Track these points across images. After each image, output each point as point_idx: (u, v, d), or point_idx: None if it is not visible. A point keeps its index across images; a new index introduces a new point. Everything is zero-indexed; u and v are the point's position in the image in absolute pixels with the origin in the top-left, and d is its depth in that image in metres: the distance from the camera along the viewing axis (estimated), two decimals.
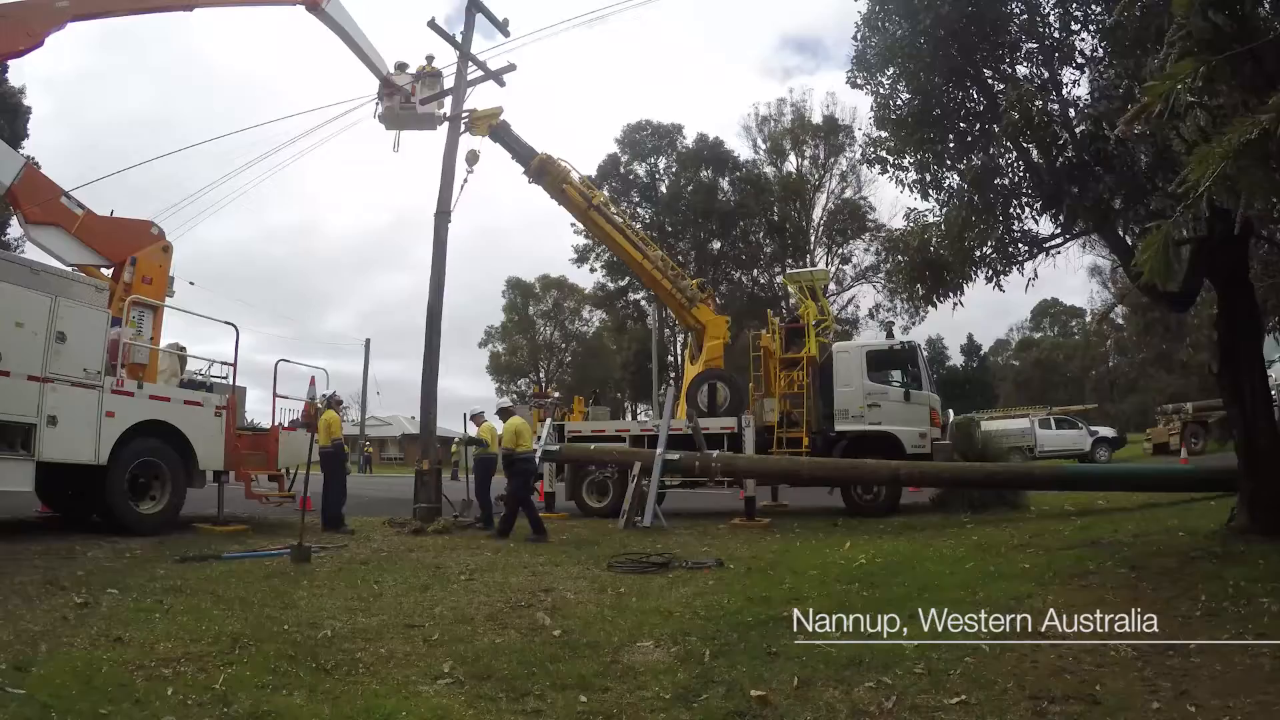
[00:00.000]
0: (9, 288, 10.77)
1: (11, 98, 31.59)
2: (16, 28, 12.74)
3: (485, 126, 19.13)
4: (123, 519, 11.70)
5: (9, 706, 4.51)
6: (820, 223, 58.98)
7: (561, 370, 76.12)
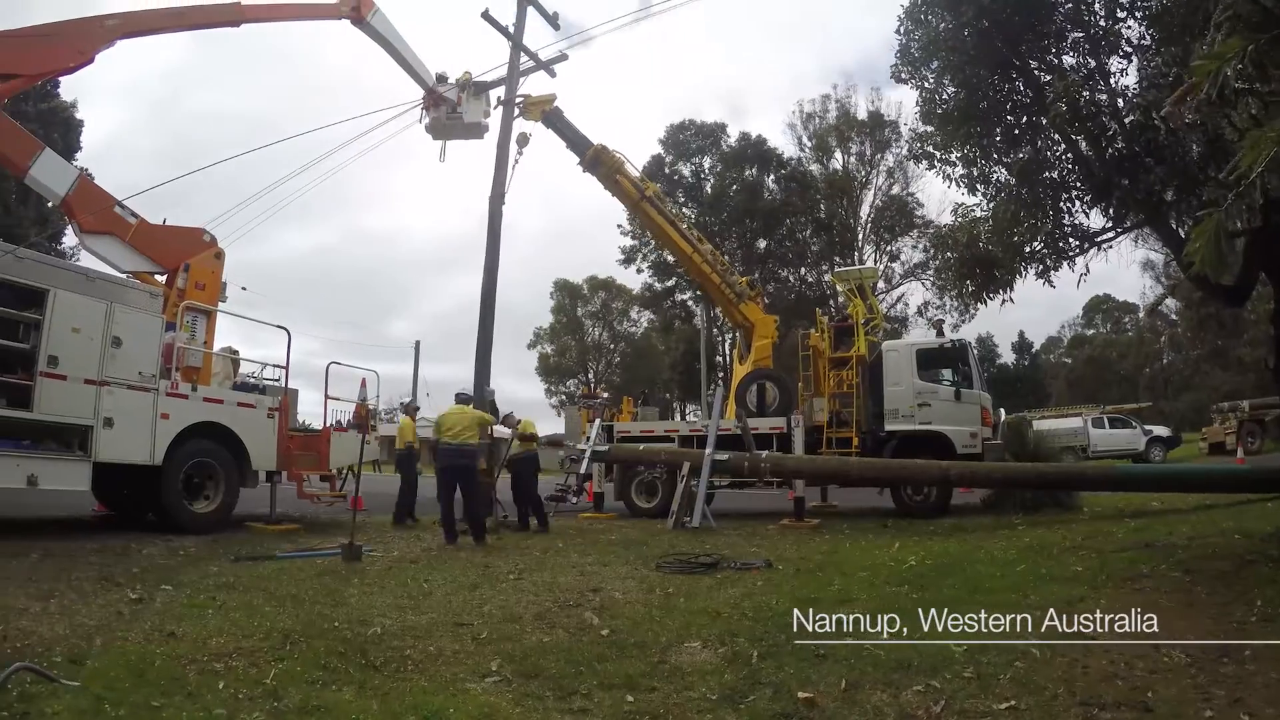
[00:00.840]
0: (66, 295, 10.99)
1: (64, 112, 32.37)
2: (67, 46, 13.01)
3: (539, 112, 19.42)
4: (177, 518, 11.91)
5: (64, 698, 4.55)
6: (868, 220, 58.23)
7: (610, 371, 76.14)
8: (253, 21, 15.36)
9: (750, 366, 19.86)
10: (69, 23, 13.12)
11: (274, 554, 10.42)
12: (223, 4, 15.03)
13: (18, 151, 12.69)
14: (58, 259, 19.52)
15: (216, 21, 15.11)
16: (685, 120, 60.81)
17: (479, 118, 18.81)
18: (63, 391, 10.72)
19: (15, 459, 10.29)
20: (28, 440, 10.59)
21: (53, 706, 4.43)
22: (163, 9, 14.63)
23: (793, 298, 53.94)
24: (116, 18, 13.53)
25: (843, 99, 59.04)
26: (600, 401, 22.06)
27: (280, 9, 16.27)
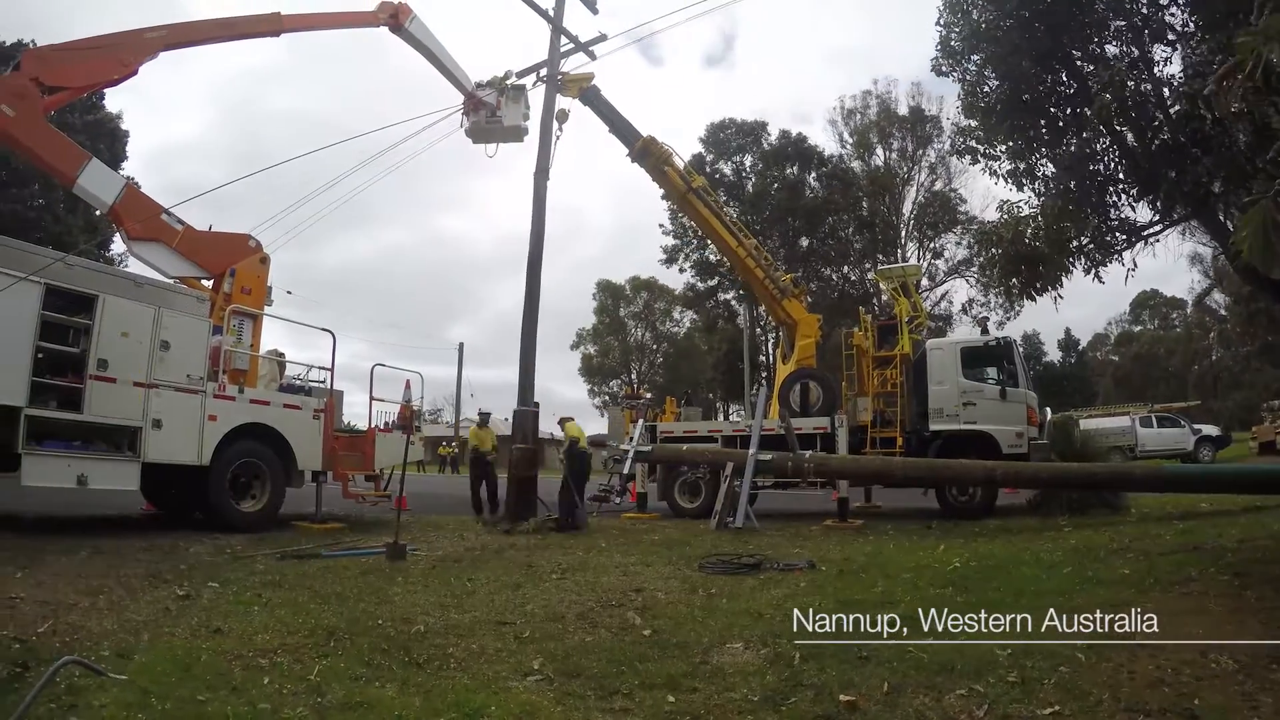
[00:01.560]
0: (115, 300, 11.20)
1: (110, 123, 32.94)
2: (111, 58, 13.29)
3: (576, 89, 19.43)
4: (224, 517, 12.07)
5: (111, 691, 4.62)
6: (910, 217, 57.17)
7: (653, 371, 75.80)
8: (292, 31, 15.61)
9: (794, 366, 19.69)
10: (112, 36, 13.42)
11: (319, 552, 10.51)
12: (263, 15, 15.31)
13: (66, 162, 12.96)
14: (106, 266, 19.94)
15: (257, 32, 15.36)
16: (725, 119, 60.02)
17: (518, 120, 18.86)
18: (112, 394, 10.93)
19: (66, 459, 10.48)
20: (78, 441, 10.76)
21: (100, 699, 4.50)
22: (204, 20, 14.90)
23: (836, 296, 53.13)
24: (158, 30, 13.79)
25: (883, 94, 58.07)
26: (643, 402, 22.02)
27: (319, 18, 16.51)
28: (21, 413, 9.97)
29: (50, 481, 10.37)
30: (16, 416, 9.95)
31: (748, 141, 58.73)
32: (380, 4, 16.80)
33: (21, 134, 12.40)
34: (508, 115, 18.69)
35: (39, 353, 10.31)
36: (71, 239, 25.72)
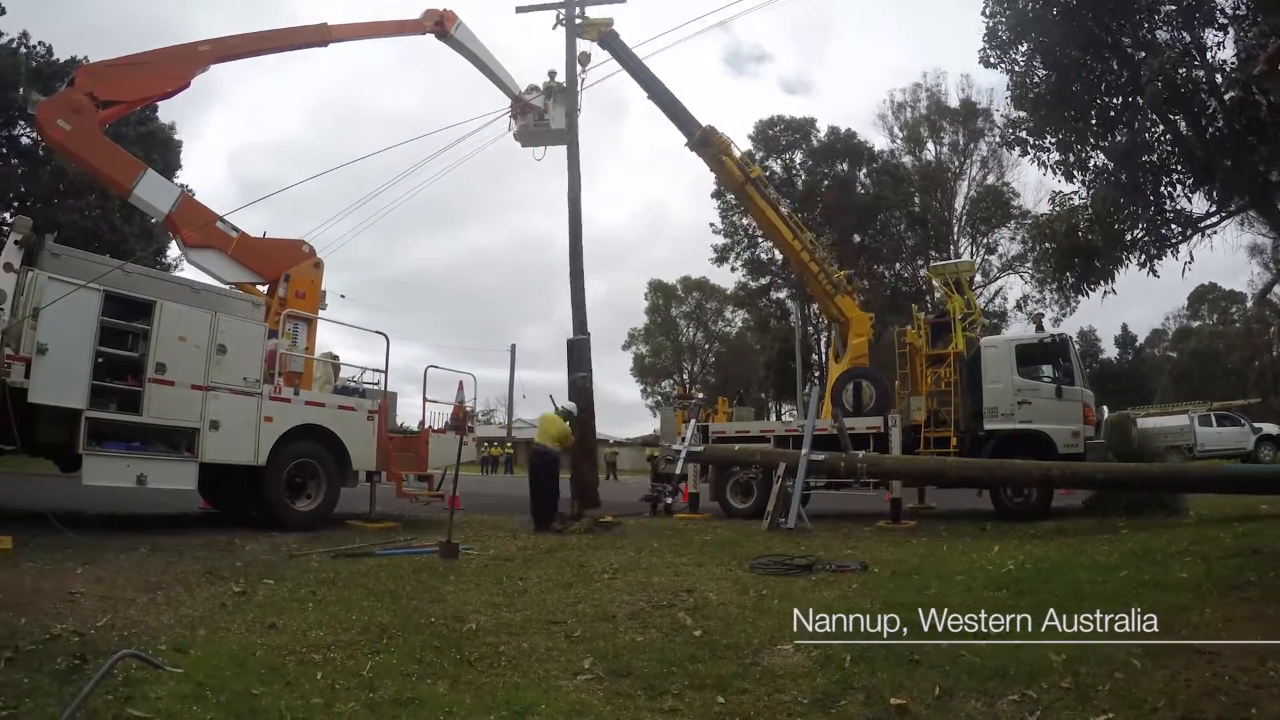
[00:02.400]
0: (172, 306, 11.43)
1: (163, 134, 33.65)
2: (164, 72, 13.68)
3: (596, 32, 19.26)
4: (280, 515, 12.24)
5: (167, 684, 4.67)
6: (963, 212, 56.43)
7: (705, 371, 75.97)
8: (340, 41, 15.88)
9: (846, 365, 19.51)
10: (165, 50, 13.81)
11: (373, 551, 10.57)
12: (311, 26, 15.67)
13: (122, 173, 13.35)
14: (164, 272, 20.37)
15: (305, 43, 15.65)
16: (774, 116, 59.69)
17: (564, 123, 18.94)
18: (170, 396, 11.16)
19: (126, 459, 10.73)
20: (137, 442, 11.00)
21: (156, 691, 4.55)
22: (253, 33, 15.17)
23: (888, 294, 52.48)
24: (209, 44, 14.14)
25: (933, 87, 57.46)
26: (695, 402, 21.84)
27: (366, 27, 16.73)
28: (82, 415, 10.22)
29: (110, 481, 10.65)
30: (78, 419, 10.21)
31: (797, 138, 58.36)
32: (425, 12, 17.03)
33: (78, 147, 12.78)
34: (555, 118, 18.73)
35: (99, 357, 10.54)
36: (129, 247, 26.38)
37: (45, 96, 13.27)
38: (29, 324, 9.93)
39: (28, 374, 9.78)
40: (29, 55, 32.10)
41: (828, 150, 57.47)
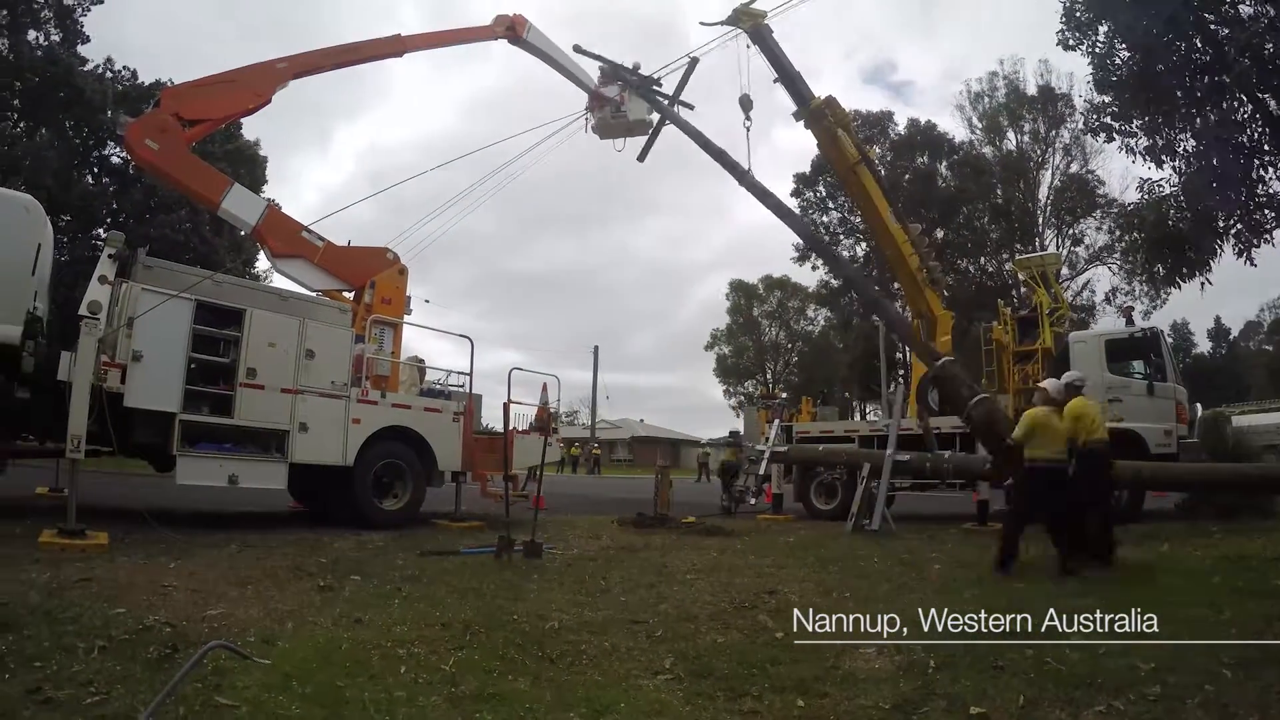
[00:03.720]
0: (262, 314, 11.78)
1: (249, 150, 34.58)
2: (246, 90, 14.08)
3: (750, 22, 18.35)
4: (367, 514, 12.45)
5: (254, 674, 4.76)
6: (1047, 202, 54.12)
7: (788, 370, 75.06)
8: (414, 51, 16.19)
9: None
10: (246, 69, 14.20)
11: (458, 549, 10.66)
12: (385, 38, 15.95)
13: (210, 188, 13.77)
14: (253, 282, 20.95)
15: (381, 54, 16.00)
16: (850, 111, 58.80)
17: (643, 114, 18.95)
18: (261, 400, 11.49)
19: (218, 460, 11.09)
20: (229, 443, 11.34)
21: (244, 681, 4.63)
22: (329, 47, 15.46)
23: (973, 289, 50.84)
24: (287, 60, 14.51)
25: (1010, 75, 55.21)
26: (779, 402, 21.66)
27: (440, 36, 16.98)
28: (176, 418, 10.61)
29: (203, 480, 11.01)
30: (171, 422, 10.60)
31: (874, 132, 56.56)
32: (496, 18, 17.23)
33: (167, 165, 13.26)
34: (632, 109, 18.77)
35: (191, 363, 10.93)
36: (218, 258, 27.12)
37: (133, 118, 13.80)
38: (124, 333, 10.34)
39: (123, 380, 10.20)
40: (115, 79, 33.43)
41: (907, 143, 56.16)
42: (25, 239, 10.29)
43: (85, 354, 9.27)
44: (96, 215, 32.43)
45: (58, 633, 5.23)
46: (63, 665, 4.67)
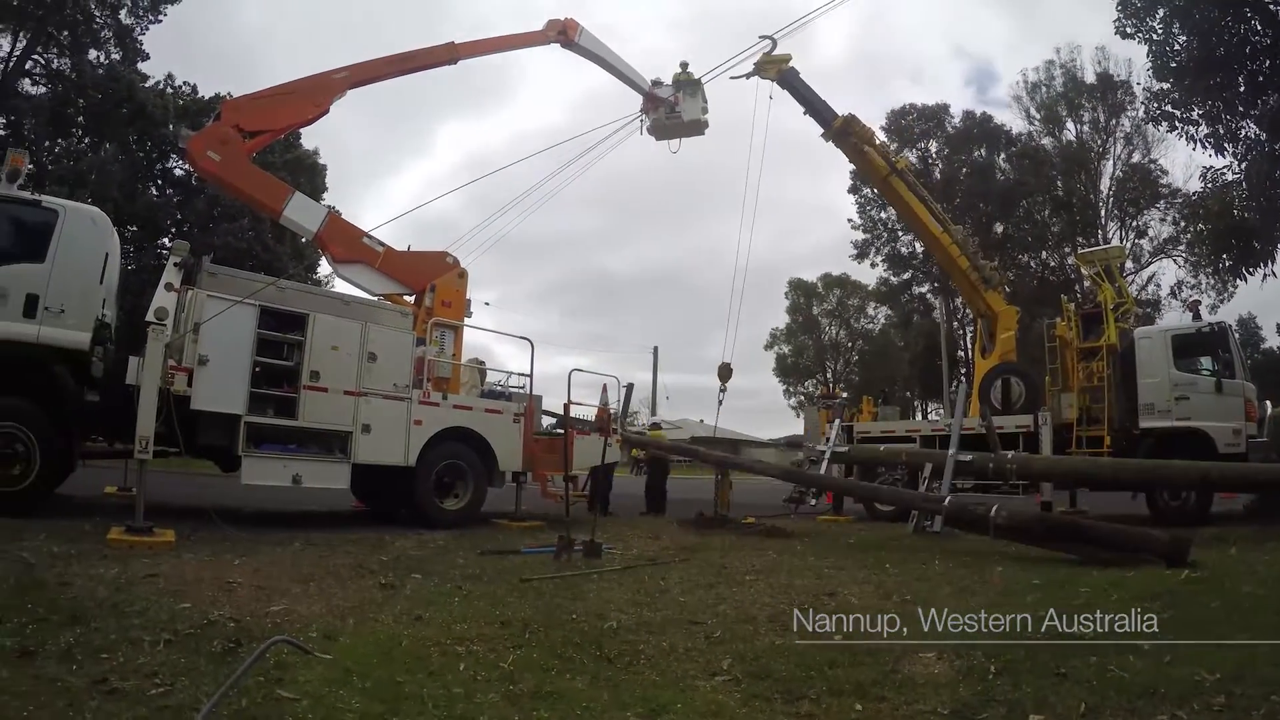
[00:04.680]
0: (324, 318, 11.99)
1: (309, 159, 35.35)
2: (304, 101, 14.47)
3: (775, 70, 19.33)
4: (428, 514, 12.60)
5: (316, 669, 4.82)
6: (1109, 194, 52.39)
7: (848, 370, 74.18)
8: (467, 58, 16.40)
9: (994, 361, 18.88)
10: (304, 80, 14.58)
11: (518, 549, 10.75)
12: (439, 46, 16.23)
13: (271, 197, 14.22)
14: (315, 287, 21.31)
15: (434, 62, 16.22)
16: (905, 105, 57.70)
17: (698, 114, 19.01)
18: (324, 402, 11.70)
19: (282, 460, 11.34)
20: (293, 444, 11.57)
21: (305, 675, 4.69)
22: (384, 57, 15.80)
23: (1035, 284, 49.60)
24: (343, 70, 14.85)
25: (1067, 63, 53.66)
26: (839, 401, 21.46)
27: (492, 43, 17.18)
28: (241, 420, 10.86)
29: (267, 480, 11.27)
30: (237, 423, 10.85)
31: (931, 126, 56.28)
32: (548, 23, 17.42)
33: (229, 175, 13.64)
34: (687, 110, 18.85)
35: (256, 367, 11.16)
36: (281, 265, 27.80)
37: (194, 131, 14.17)
38: (190, 338, 10.62)
39: (190, 383, 10.47)
40: (175, 94, 34.62)
41: (964, 136, 55.11)
42: (93, 249, 10.69)
43: (152, 359, 9.48)
44: (161, 225, 33.57)
45: (124, 626, 5.35)
46: (129, 657, 4.77)
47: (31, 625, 5.15)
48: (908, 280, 58.30)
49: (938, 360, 46.22)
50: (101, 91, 32.02)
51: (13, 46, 32.77)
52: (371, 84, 15.44)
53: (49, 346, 10.02)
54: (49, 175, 27.68)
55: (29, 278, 10.01)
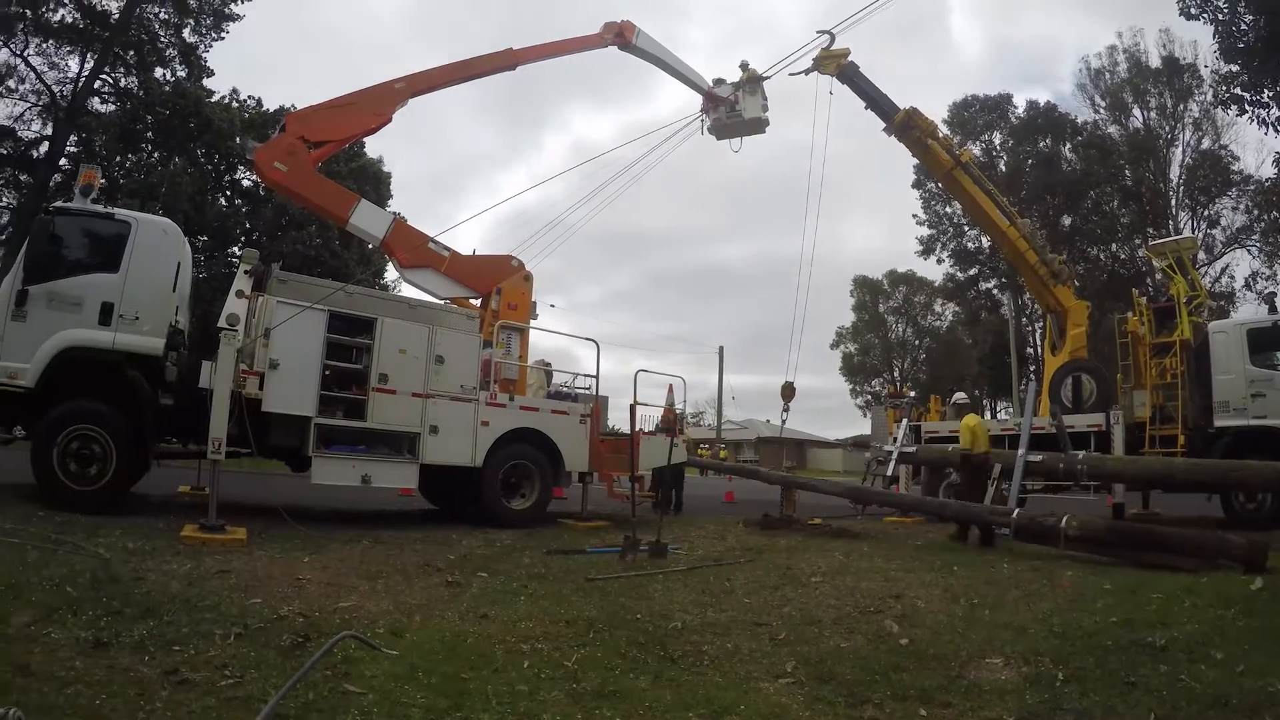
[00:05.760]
0: (392, 322, 12.18)
1: (373, 168, 36.10)
2: (367, 111, 14.62)
3: (835, 66, 19.18)
4: (495, 513, 12.72)
5: (382, 663, 4.90)
6: (1178, 182, 50.23)
7: (916, 368, 73.33)
8: (526, 63, 16.47)
9: (1064, 358, 18.40)
10: (366, 91, 14.76)
11: (584, 548, 10.83)
12: (498, 52, 16.33)
13: (338, 205, 14.40)
14: (382, 292, 21.62)
15: (494, 69, 16.31)
16: (968, 96, 56.18)
17: (758, 112, 18.88)
18: (392, 404, 11.88)
19: (351, 461, 11.55)
20: (362, 445, 11.78)
21: (372, 670, 4.76)
22: (444, 65, 15.94)
23: (1105, 278, 48.12)
24: (404, 80, 15.01)
25: (1130, 47, 51.99)
26: (907, 400, 21.08)
27: (550, 48, 17.21)
28: (311, 422, 11.12)
29: (337, 480, 11.49)
30: (307, 425, 11.12)
31: (994, 118, 54.99)
32: (605, 25, 17.40)
33: (295, 185, 13.87)
34: (747, 108, 18.73)
35: (326, 370, 11.39)
36: (349, 271, 28.27)
37: (260, 143, 14.45)
38: (261, 343, 10.93)
39: (261, 386, 10.77)
40: (241, 108, 35.47)
41: (1028, 127, 53.71)
42: (165, 258, 11.06)
43: (225, 363, 9.75)
44: (231, 234, 34.48)
45: (196, 620, 5.48)
46: (200, 650, 4.89)
47: (106, 618, 5.29)
48: (974, 276, 57.14)
49: (1006, 357, 45.15)
50: (169, 107, 33.06)
51: (81, 67, 34.15)
52: (432, 91, 15.63)
53: (124, 352, 10.37)
54: (120, 189, 28.48)
55: (104, 287, 10.39)
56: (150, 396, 10.49)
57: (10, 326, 9.94)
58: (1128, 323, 17.37)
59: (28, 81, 34.07)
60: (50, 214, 10.78)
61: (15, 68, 33.65)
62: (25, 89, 34.16)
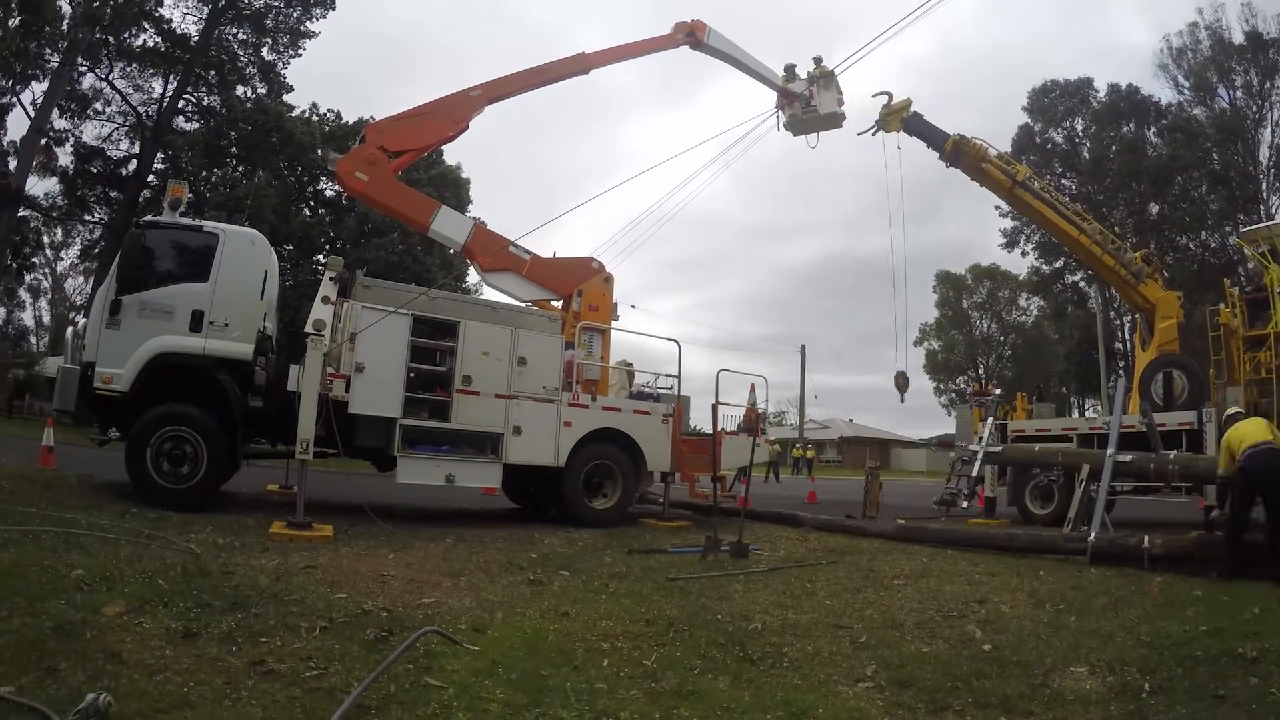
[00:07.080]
0: (475, 325, 12.37)
1: (452, 175, 36.86)
2: (444, 119, 15.00)
3: (898, 121, 19.12)
4: (577, 513, 12.83)
5: (463, 659, 4.97)
6: (1269, 164, 48.36)
7: (1001, 365, 71.64)
8: (599, 66, 16.62)
9: (1154, 353, 17.76)
10: (442, 100, 15.10)
11: (665, 548, 10.84)
12: (570, 57, 16.51)
13: (419, 212, 14.80)
14: (465, 295, 21.94)
15: (566, 74, 16.50)
16: (1047, 82, 54.58)
17: (834, 106, 18.75)
18: (476, 405, 12.07)
19: (436, 461, 11.76)
20: (447, 445, 11.99)
21: (453, 665, 4.83)
22: (519, 72, 16.12)
23: (1195, 268, 46.16)
24: (480, 88, 15.31)
25: (1212, 24, 49.34)
26: (993, 399, 20.57)
27: (622, 50, 17.31)
28: (397, 423, 11.38)
29: (422, 480, 11.76)
30: (392, 426, 11.38)
31: (1075, 103, 53.36)
32: (676, 25, 17.42)
33: (377, 194, 14.30)
34: (822, 103, 18.62)
35: (410, 372, 11.63)
36: (431, 276, 28.78)
37: (341, 155, 14.79)
38: (347, 347, 11.20)
39: (347, 389, 11.04)
40: (321, 121, 36.78)
41: (1111, 111, 51.86)
42: (253, 267, 11.47)
43: (312, 367, 10.07)
44: (315, 243, 35.57)
45: (283, 613, 5.64)
46: (286, 641, 5.03)
47: (195, 610, 5.47)
48: (1060, 269, 55.42)
49: (1094, 353, 43.59)
50: (251, 123, 34.56)
51: (164, 88, 36.11)
52: (508, 98, 15.84)
53: (215, 357, 10.81)
54: (207, 203, 29.69)
55: (194, 296, 10.85)
56: (239, 399, 10.89)
57: (105, 335, 10.46)
58: (1219, 315, 16.76)
59: (114, 104, 36.33)
60: (141, 228, 11.21)
61: (101, 91, 35.97)
62: (112, 110, 36.53)
